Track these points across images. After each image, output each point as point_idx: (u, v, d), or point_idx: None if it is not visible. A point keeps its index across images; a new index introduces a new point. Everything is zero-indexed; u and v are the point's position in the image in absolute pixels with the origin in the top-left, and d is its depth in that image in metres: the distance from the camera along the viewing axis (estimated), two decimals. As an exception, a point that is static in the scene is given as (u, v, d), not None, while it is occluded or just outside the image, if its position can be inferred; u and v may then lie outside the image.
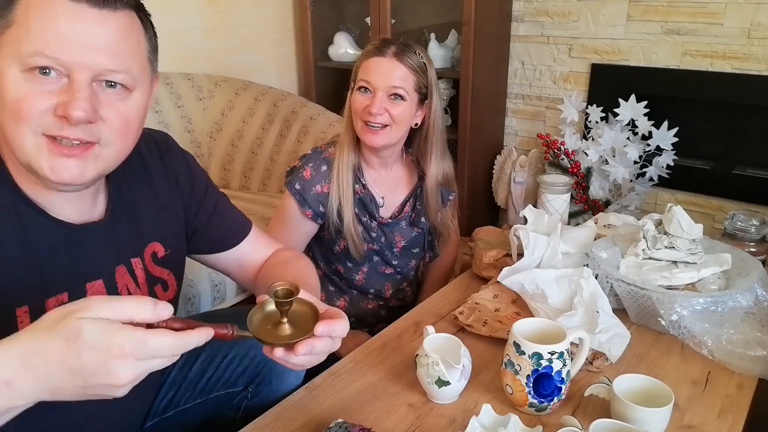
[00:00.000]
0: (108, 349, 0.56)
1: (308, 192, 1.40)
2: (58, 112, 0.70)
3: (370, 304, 1.60)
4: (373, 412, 0.96)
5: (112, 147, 0.76)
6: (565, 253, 1.36)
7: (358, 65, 1.39)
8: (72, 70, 0.70)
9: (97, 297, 0.59)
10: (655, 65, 2.26)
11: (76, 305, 0.58)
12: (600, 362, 1.05)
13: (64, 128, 0.71)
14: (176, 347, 0.60)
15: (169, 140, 1.01)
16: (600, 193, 2.30)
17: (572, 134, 2.33)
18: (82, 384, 0.56)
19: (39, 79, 0.69)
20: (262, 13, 2.78)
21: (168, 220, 0.97)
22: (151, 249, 0.94)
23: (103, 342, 0.56)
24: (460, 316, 1.20)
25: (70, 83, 0.70)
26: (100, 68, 0.71)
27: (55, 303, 0.79)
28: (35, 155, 0.71)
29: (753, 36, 2.05)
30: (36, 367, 0.55)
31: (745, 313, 1.12)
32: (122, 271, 0.88)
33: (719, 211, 2.24)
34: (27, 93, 0.69)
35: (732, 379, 1.04)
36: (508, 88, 2.65)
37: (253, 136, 2.36)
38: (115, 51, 0.72)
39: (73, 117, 0.69)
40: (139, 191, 0.92)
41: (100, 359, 0.56)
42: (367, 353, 1.12)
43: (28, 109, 0.69)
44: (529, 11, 2.50)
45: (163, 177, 0.96)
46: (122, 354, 0.56)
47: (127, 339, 0.56)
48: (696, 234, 1.25)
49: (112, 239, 0.87)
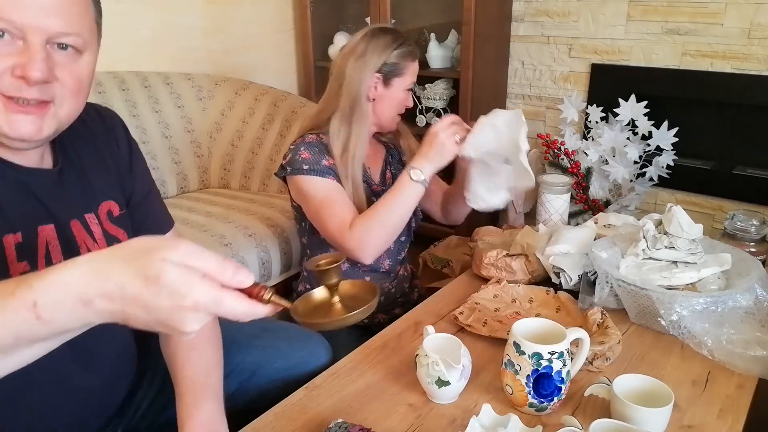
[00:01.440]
0: (183, 299, 0.55)
1: (319, 165, 1.42)
2: (16, 72, 0.73)
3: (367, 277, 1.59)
4: (373, 412, 0.96)
5: (65, 106, 0.80)
6: (565, 253, 1.36)
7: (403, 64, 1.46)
8: (26, 33, 0.73)
9: (186, 242, 0.57)
10: (655, 65, 2.26)
11: (165, 242, 0.57)
12: (600, 362, 1.05)
13: (22, 88, 0.74)
14: (246, 314, 0.59)
15: (115, 115, 1.04)
16: (600, 193, 2.30)
17: (572, 134, 2.33)
18: (152, 321, 0.56)
19: None
20: (262, 13, 2.78)
21: (115, 182, 0.98)
22: (107, 207, 0.95)
23: (180, 291, 0.54)
24: (460, 316, 1.20)
25: (26, 45, 0.73)
26: (53, 30, 0.74)
27: (13, 240, 0.81)
28: None
29: (753, 36, 2.05)
30: (113, 294, 0.55)
31: (745, 313, 1.12)
32: (78, 226, 0.90)
33: (719, 211, 2.24)
34: None
35: (732, 379, 1.04)
36: (508, 88, 2.65)
37: (253, 136, 2.36)
38: (66, 13, 0.75)
39: (32, 77, 0.73)
40: (85, 151, 0.94)
41: (173, 307, 0.55)
42: (367, 353, 1.12)
43: None
44: (529, 11, 2.50)
45: (106, 140, 0.98)
46: (195, 308, 0.55)
47: (203, 295, 0.55)
48: (696, 234, 1.25)
49: (62, 190, 0.89)
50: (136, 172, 1.03)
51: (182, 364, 0.99)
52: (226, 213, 2.04)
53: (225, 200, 2.20)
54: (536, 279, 1.38)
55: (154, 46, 2.38)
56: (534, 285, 1.35)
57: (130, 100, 2.15)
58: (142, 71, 2.25)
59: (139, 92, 2.19)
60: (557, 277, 1.34)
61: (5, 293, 0.55)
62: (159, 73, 2.30)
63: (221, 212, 2.05)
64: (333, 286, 0.69)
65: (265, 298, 0.61)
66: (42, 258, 0.84)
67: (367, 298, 0.68)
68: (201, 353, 1.01)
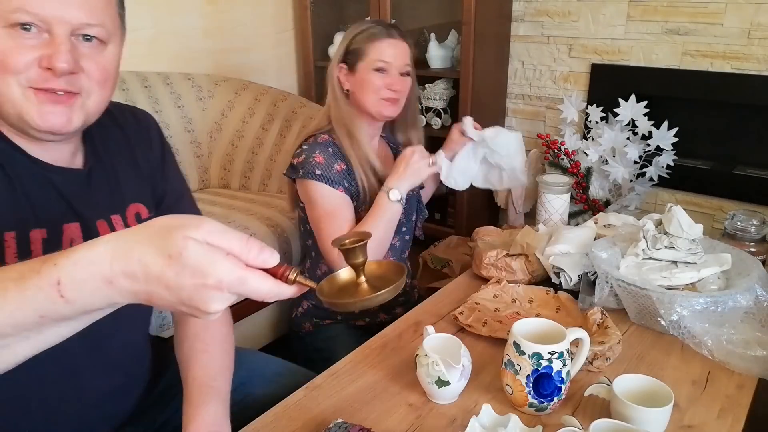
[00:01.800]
0: (206, 277, 0.53)
1: (330, 172, 1.43)
2: (43, 63, 0.75)
3: None
4: (373, 412, 0.96)
5: (93, 97, 0.81)
6: (565, 253, 1.36)
7: (363, 46, 1.47)
8: (51, 25, 0.75)
9: (209, 219, 0.56)
10: (655, 65, 2.26)
11: (188, 220, 0.55)
12: (600, 362, 1.05)
13: (50, 80, 0.76)
14: (271, 293, 0.58)
15: (150, 116, 1.05)
16: (600, 193, 2.30)
17: (572, 134, 2.33)
18: (175, 301, 0.55)
19: (21, 34, 0.74)
20: (262, 13, 2.78)
21: (146, 184, 1.00)
22: (135, 210, 0.96)
23: (202, 269, 0.53)
24: (460, 316, 1.20)
25: (51, 37, 0.75)
26: (77, 22, 0.76)
27: (39, 236, 0.82)
28: (24, 104, 0.77)
29: (753, 36, 2.05)
30: (136, 273, 0.54)
31: (745, 313, 1.12)
32: (104, 226, 0.90)
33: (719, 211, 2.24)
34: (11, 47, 0.74)
35: (732, 379, 1.04)
36: (508, 88, 2.65)
37: (253, 136, 2.36)
38: (89, 5, 0.77)
39: (58, 68, 0.75)
40: (116, 153, 0.96)
41: (196, 285, 0.54)
42: (367, 353, 1.12)
43: (14, 63, 0.74)
44: (529, 11, 2.50)
45: (140, 142, 1.00)
46: (218, 287, 0.54)
47: (226, 273, 0.54)
48: (696, 234, 1.25)
49: (90, 190, 0.90)
50: (169, 174, 1.05)
51: (192, 365, 1.00)
52: (226, 213, 2.04)
53: (225, 200, 2.20)
54: (536, 279, 1.38)
55: (154, 46, 2.38)
56: (534, 285, 1.35)
57: (130, 100, 2.15)
58: (142, 71, 2.25)
59: (139, 92, 2.19)
60: (557, 277, 1.34)
61: (31, 271, 0.55)
62: (159, 73, 2.30)
63: (221, 212, 2.05)
64: (359, 265, 0.66)
65: (291, 278, 0.59)
66: None
67: (394, 278, 0.66)
68: (212, 356, 1.01)
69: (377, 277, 0.68)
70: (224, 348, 1.04)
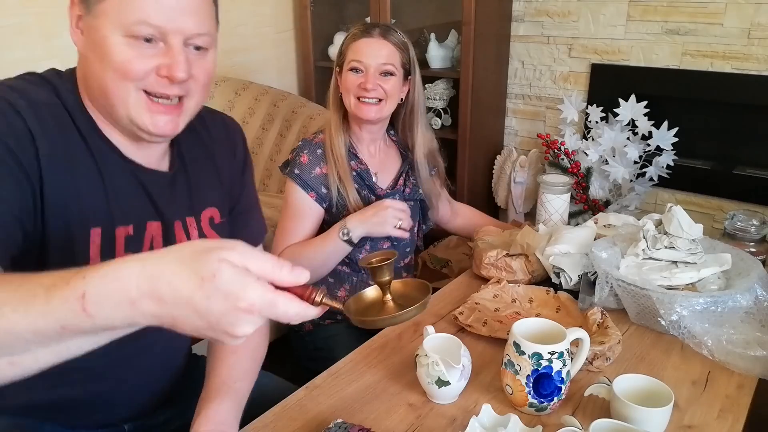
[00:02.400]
0: (238, 300, 0.54)
1: (308, 175, 1.46)
2: (162, 72, 0.81)
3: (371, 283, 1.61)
4: (373, 412, 0.96)
5: (194, 99, 0.87)
6: (565, 253, 1.36)
7: (345, 48, 1.48)
8: (167, 35, 0.80)
9: (243, 243, 0.57)
10: (655, 65, 2.26)
11: (221, 243, 0.56)
12: (600, 362, 1.05)
13: (166, 87, 0.82)
14: (298, 316, 0.59)
15: (240, 128, 1.11)
16: (600, 193, 2.30)
17: (572, 134, 2.33)
18: (203, 325, 0.55)
19: (141, 44, 0.79)
20: (262, 13, 2.78)
21: (223, 191, 1.04)
22: (209, 213, 1.01)
23: (235, 293, 0.54)
24: (460, 316, 1.20)
25: (168, 48, 0.80)
26: (189, 32, 0.81)
27: (124, 233, 0.87)
28: (137, 110, 0.83)
29: (753, 36, 2.05)
30: (164, 296, 0.54)
31: (745, 313, 1.12)
32: (179, 226, 0.95)
33: (719, 211, 2.24)
34: (132, 56, 0.79)
35: (732, 379, 1.04)
36: (508, 88, 2.65)
37: (253, 136, 2.36)
38: (199, 15, 0.82)
39: (177, 78, 0.81)
40: (201, 158, 1.01)
41: (227, 309, 0.54)
42: (367, 353, 1.12)
43: (135, 71, 0.80)
44: (529, 11, 2.50)
45: (225, 149, 1.05)
46: (250, 310, 0.55)
47: (258, 297, 0.55)
48: (696, 234, 1.25)
49: (172, 192, 0.95)
50: (246, 183, 1.09)
51: (219, 364, 1.01)
52: (226, 213, 2.04)
53: (225, 200, 2.20)
54: (536, 279, 1.38)
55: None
56: (534, 285, 1.35)
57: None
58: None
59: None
60: (557, 277, 1.34)
61: (62, 280, 0.55)
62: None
63: (221, 212, 2.05)
64: (385, 283, 0.68)
65: (317, 300, 0.61)
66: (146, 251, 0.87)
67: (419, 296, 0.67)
68: (239, 359, 1.02)
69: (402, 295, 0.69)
70: (254, 356, 1.06)
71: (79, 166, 0.83)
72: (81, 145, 0.84)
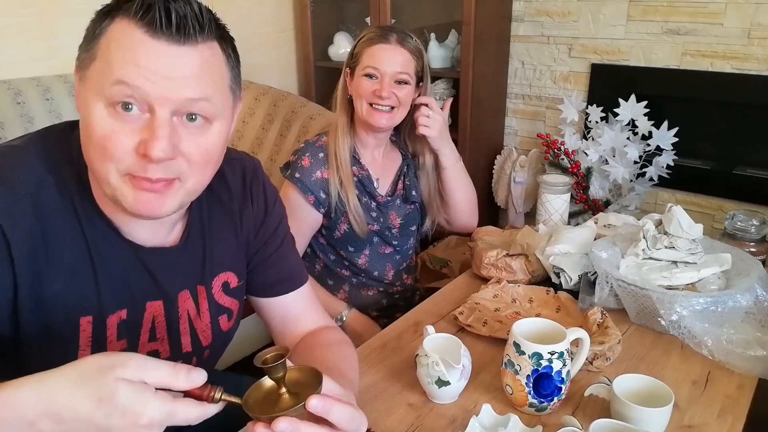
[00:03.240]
0: (138, 417, 0.56)
1: (308, 179, 1.44)
2: (140, 150, 0.70)
3: (371, 290, 1.61)
4: (373, 412, 0.96)
5: (192, 180, 0.76)
6: (565, 253, 1.36)
7: (360, 51, 1.45)
8: (153, 104, 0.69)
9: (137, 356, 0.59)
10: (655, 65, 2.26)
11: (116, 359, 0.58)
12: (600, 362, 1.05)
13: (147, 168, 0.71)
14: (198, 419, 0.61)
15: (259, 170, 1.00)
16: (600, 193, 2.30)
17: (572, 134, 2.34)
18: None
19: (122, 115, 0.69)
20: (262, 13, 2.78)
21: (241, 248, 0.95)
22: (224, 278, 0.93)
23: (134, 410, 0.56)
24: (460, 316, 1.20)
25: (152, 119, 0.70)
26: (180, 98, 0.70)
27: (116, 319, 0.81)
28: (119, 190, 0.72)
29: (753, 36, 2.05)
30: (62, 415, 0.56)
31: (745, 313, 1.12)
32: (185, 296, 0.89)
33: (719, 211, 2.24)
34: (111, 131, 0.70)
35: (732, 379, 1.04)
36: (508, 88, 2.65)
37: (253, 136, 2.36)
38: (195, 81, 0.71)
39: (153, 157, 0.69)
40: (217, 218, 0.92)
41: (128, 425, 0.57)
42: (367, 353, 1.12)
43: (113, 149, 0.70)
44: (529, 11, 2.50)
45: (244, 204, 0.95)
46: (150, 425, 0.57)
47: (157, 411, 0.57)
48: (696, 234, 1.25)
49: (181, 265, 0.88)
50: (268, 229, 0.99)
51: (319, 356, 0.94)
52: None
53: (225, 200, 2.20)
54: (536, 279, 1.38)
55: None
56: (534, 285, 1.35)
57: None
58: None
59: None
60: (557, 277, 1.34)
61: None
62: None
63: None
64: (280, 379, 0.69)
65: (216, 397, 0.63)
66: (146, 333, 0.86)
67: (313, 383, 0.70)
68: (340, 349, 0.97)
69: (296, 382, 0.71)
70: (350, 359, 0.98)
71: (67, 252, 0.76)
72: (73, 228, 0.77)
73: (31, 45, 2.00)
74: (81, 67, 0.73)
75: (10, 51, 1.96)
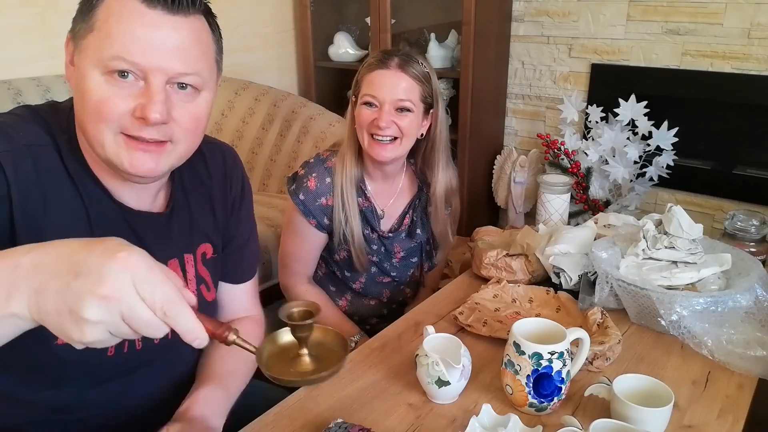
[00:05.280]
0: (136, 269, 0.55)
1: (312, 204, 1.39)
2: (137, 113, 0.76)
3: (372, 301, 1.61)
4: (373, 412, 0.96)
5: (182, 144, 0.82)
6: (565, 253, 1.36)
7: (361, 78, 1.37)
8: (148, 74, 0.75)
9: None
10: (655, 65, 2.26)
11: None
12: (600, 362, 1.05)
13: (142, 129, 0.77)
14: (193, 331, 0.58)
15: (238, 158, 1.07)
16: (600, 193, 2.31)
17: (572, 134, 2.34)
18: (63, 283, 0.53)
19: (118, 82, 0.75)
20: (262, 13, 2.78)
21: (218, 225, 1.01)
22: (203, 249, 0.98)
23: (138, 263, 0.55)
24: (460, 316, 1.20)
25: (147, 86, 0.75)
26: (173, 71, 0.76)
27: None
28: (114, 151, 0.78)
29: (753, 36, 2.05)
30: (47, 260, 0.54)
31: (745, 313, 1.12)
32: (174, 264, 0.93)
33: (719, 211, 2.24)
34: (108, 95, 0.75)
35: (732, 379, 1.04)
36: (508, 88, 2.65)
37: (253, 136, 2.36)
38: (187, 55, 0.77)
39: (151, 119, 0.75)
40: (197, 194, 0.98)
41: (104, 256, 0.54)
42: (367, 353, 1.12)
43: (109, 111, 0.75)
44: (529, 11, 2.50)
45: (223, 187, 1.01)
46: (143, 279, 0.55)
47: (163, 283, 0.56)
48: (696, 234, 1.25)
49: (168, 232, 0.92)
50: (243, 216, 1.06)
51: (211, 359, 0.99)
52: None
53: (225, 200, 2.20)
54: (536, 279, 1.38)
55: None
56: (534, 285, 1.35)
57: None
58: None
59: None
60: (557, 277, 1.34)
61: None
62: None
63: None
64: (304, 338, 0.64)
65: (230, 339, 0.59)
66: None
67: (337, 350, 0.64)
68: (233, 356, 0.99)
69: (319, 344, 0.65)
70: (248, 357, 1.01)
71: (65, 210, 0.80)
72: (69, 188, 0.81)
73: (31, 45, 2.00)
74: (77, 37, 0.77)
75: (10, 51, 1.96)
